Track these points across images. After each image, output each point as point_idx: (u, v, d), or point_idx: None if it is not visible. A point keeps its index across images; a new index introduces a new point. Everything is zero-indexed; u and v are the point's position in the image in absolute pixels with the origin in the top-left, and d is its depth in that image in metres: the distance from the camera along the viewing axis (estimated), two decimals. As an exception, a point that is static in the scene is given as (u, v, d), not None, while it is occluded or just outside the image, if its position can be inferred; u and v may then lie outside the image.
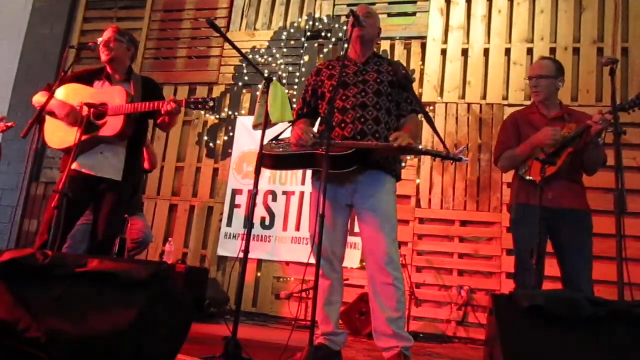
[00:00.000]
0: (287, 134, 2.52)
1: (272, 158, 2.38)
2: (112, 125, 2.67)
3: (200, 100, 2.65)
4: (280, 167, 2.74)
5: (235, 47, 2.33)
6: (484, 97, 4.24)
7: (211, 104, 2.62)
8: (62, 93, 2.76)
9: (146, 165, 3.78)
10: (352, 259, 4.06)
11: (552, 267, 2.61)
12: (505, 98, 4.18)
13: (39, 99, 2.70)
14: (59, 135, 2.72)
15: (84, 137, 2.60)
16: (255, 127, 2.35)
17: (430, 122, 2.57)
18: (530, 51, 4.21)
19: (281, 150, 2.41)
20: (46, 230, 2.49)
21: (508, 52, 4.26)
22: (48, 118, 2.74)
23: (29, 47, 5.40)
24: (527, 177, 2.59)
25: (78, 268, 1.85)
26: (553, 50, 4.16)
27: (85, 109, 2.61)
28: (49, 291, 1.85)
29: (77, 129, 2.57)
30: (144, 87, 2.81)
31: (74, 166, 2.60)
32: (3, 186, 3.78)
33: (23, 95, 5.09)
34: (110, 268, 1.81)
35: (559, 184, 2.52)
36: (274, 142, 2.46)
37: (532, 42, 4.22)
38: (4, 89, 5.25)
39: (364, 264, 3.64)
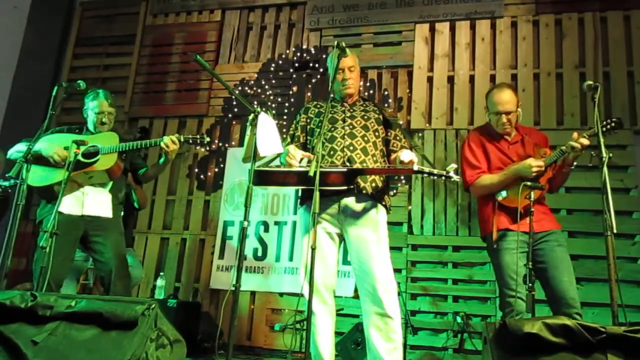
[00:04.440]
0: (277, 162, 2.55)
1: (265, 174, 2.38)
2: (103, 163, 2.72)
3: (198, 137, 2.79)
4: (272, 183, 2.74)
5: (221, 82, 2.36)
6: (471, 123, 4.29)
7: (207, 139, 2.76)
8: (48, 139, 2.84)
9: (136, 205, 3.82)
10: (346, 287, 4.02)
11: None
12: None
13: (19, 147, 2.81)
14: (40, 174, 2.77)
15: (74, 172, 2.64)
16: (244, 160, 2.35)
17: (420, 152, 2.64)
18: (514, 77, 4.29)
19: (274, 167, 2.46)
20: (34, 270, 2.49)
21: (493, 78, 4.34)
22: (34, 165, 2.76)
23: (18, 84, 5.40)
24: (505, 204, 2.59)
25: (65, 308, 1.82)
26: (537, 76, 4.24)
27: (74, 146, 2.64)
28: (35, 333, 1.81)
29: (65, 166, 2.62)
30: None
31: (60, 207, 2.61)
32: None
33: (12, 132, 5.07)
34: (98, 308, 1.78)
35: (535, 209, 2.52)
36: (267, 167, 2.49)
37: (516, 67, 4.31)
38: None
39: (358, 292, 3.61)
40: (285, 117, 4.66)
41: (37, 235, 2.79)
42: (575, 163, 2.56)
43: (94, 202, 2.80)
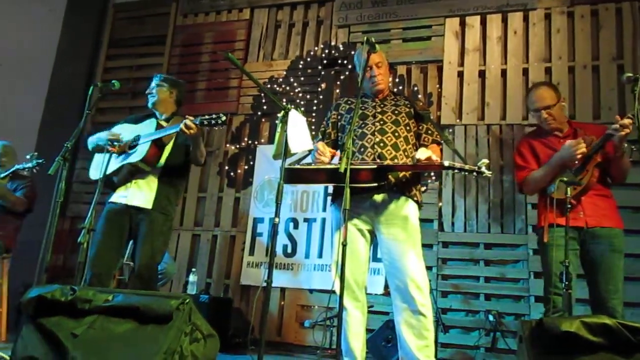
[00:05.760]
0: (308, 160, 2.55)
1: (295, 172, 2.39)
2: (139, 152, 2.77)
3: (213, 116, 2.64)
4: (302, 180, 2.75)
5: (253, 79, 2.38)
6: (504, 118, 4.21)
7: (223, 118, 2.63)
8: (116, 128, 2.98)
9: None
10: (376, 285, 4.00)
11: (581, 289, 2.53)
12: (525, 118, 4.14)
13: (99, 135, 2.91)
14: (98, 167, 2.87)
15: (116, 166, 2.79)
16: (275, 157, 2.37)
17: (451, 147, 2.60)
18: (548, 70, 4.18)
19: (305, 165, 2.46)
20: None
21: (526, 71, 4.24)
22: (96, 154, 2.93)
23: (55, 87, 5.57)
24: (555, 197, 2.52)
25: (103, 302, 1.87)
26: (572, 69, 4.13)
27: (109, 144, 2.72)
28: (75, 326, 1.86)
29: (107, 159, 2.71)
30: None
31: (111, 197, 2.83)
32: (32, 222, 3.89)
33: (49, 133, 5.24)
34: (134, 302, 1.82)
35: (588, 201, 2.46)
36: (297, 164, 2.49)
37: (550, 61, 4.20)
38: (31, 128, 5.41)
39: (389, 289, 3.59)
40: (313, 114, 4.67)
41: (76, 233, 2.87)
42: (625, 146, 2.44)
43: (134, 191, 2.84)
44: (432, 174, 4.17)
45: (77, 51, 5.61)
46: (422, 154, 2.28)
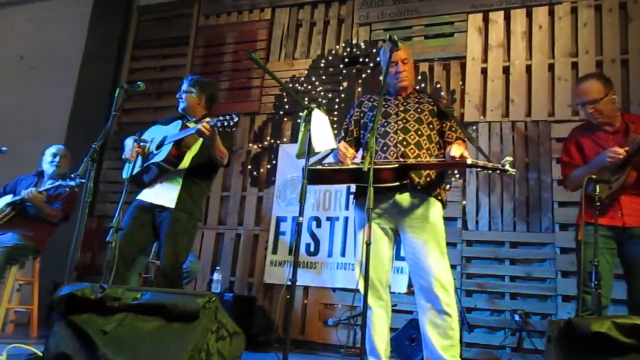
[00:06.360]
0: (330, 159, 2.55)
1: (318, 173, 2.39)
2: (162, 153, 2.82)
3: (227, 117, 2.64)
4: (324, 181, 2.76)
5: (276, 79, 2.40)
6: (529, 114, 4.14)
7: (236, 118, 2.63)
8: (147, 133, 3.07)
9: None
10: (399, 283, 3.98)
11: (619, 289, 2.48)
12: (552, 114, 4.07)
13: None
14: (129, 166, 2.94)
15: (144, 165, 2.88)
16: (299, 156, 2.37)
17: (475, 144, 2.56)
18: (575, 65, 4.10)
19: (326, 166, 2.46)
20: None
21: (551, 67, 4.16)
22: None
23: (82, 88, 5.69)
24: (594, 195, 2.46)
25: (132, 300, 1.91)
26: (599, 63, 4.03)
27: (136, 145, 2.78)
28: (104, 323, 1.90)
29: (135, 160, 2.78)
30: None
31: (139, 195, 2.92)
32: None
33: (76, 134, 5.36)
34: (162, 300, 1.85)
35: (628, 200, 2.40)
36: (319, 165, 2.49)
37: (577, 56, 4.11)
38: (59, 128, 5.53)
39: (412, 288, 3.57)
40: (335, 113, 4.66)
41: (103, 231, 2.93)
42: None
43: (159, 190, 2.89)
44: (456, 171, 4.13)
45: (103, 53, 5.72)
46: (456, 151, 2.25)
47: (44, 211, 3.58)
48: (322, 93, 4.82)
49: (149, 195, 2.90)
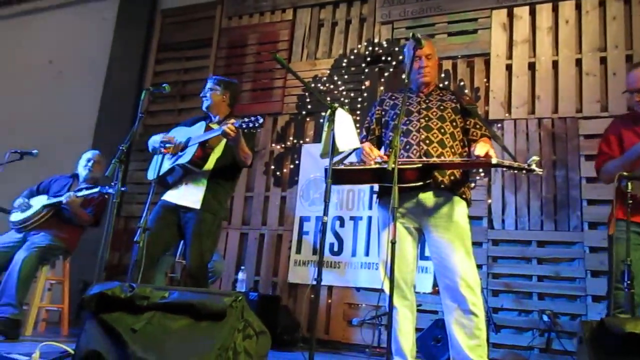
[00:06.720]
0: (352, 158, 2.55)
1: (341, 172, 2.39)
2: (187, 154, 2.85)
3: (252, 119, 2.65)
4: (348, 181, 2.75)
5: (300, 79, 2.40)
6: (555, 111, 4.06)
7: (261, 120, 2.64)
8: (170, 134, 3.05)
9: None
10: (424, 283, 3.95)
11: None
12: (579, 111, 3.98)
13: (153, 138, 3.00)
14: (154, 167, 2.96)
15: (169, 167, 2.90)
16: (323, 155, 2.37)
17: (500, 143, 2.53)
18: (603, 60, 4.00)
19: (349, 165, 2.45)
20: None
21: (579, 62, 4.08)
22: (154, 155, 3.00)
23: (108, 92, 5.81)
24: (626, 191, 2.40)
25: (160, 299, 1.93)
26: (629, 57, 3.93)
27: (162, 146, 2.82)
28: (134, 321, 1.94)
29: (161, 160, 2.81)
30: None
31: (164, 195, 2.95)
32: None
33: (103, 137, 5.47)
34: (189, 299, 1.87)
35: None
36: (341, 165, 2.48)
37: (605, 50, 4.02)
38: (87, 131, 5.66)
39: (437, 288, 3.54)
40: (358, 112, 4.65)
41: (130, 232, 2.97)
42: None
43: (184, 191, 2.92)
44: (481, 170, 4.08)
45: (129, 56, 5.82)
46: (481, 149, 2.23)
47: (78, 215, 3.66)
48: (344, 92, 4.81)
49: (173, 196, 2.93)
